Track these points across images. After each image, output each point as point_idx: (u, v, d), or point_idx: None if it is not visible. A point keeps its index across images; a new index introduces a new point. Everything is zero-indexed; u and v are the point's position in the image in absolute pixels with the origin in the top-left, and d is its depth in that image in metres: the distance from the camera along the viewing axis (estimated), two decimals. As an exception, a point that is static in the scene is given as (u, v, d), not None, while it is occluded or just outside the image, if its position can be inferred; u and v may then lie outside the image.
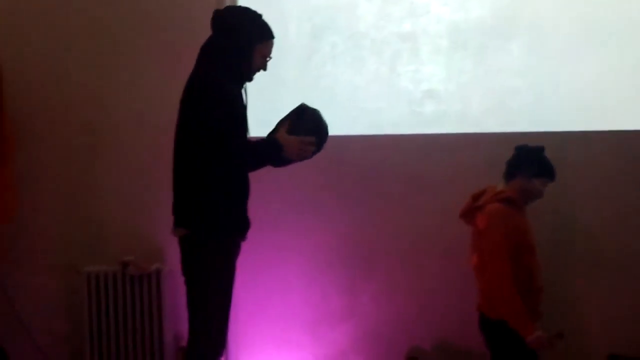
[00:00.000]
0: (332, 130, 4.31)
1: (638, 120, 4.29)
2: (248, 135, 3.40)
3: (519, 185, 3.77)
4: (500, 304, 3.60)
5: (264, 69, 3.45)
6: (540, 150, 3.81)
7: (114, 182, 4.59)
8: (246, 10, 3.45)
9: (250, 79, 3.45)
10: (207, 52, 3.38)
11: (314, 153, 3.40)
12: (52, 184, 4.61)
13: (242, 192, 3.40)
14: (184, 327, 3.48)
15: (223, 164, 3.27)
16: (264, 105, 4.46)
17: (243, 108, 3.38)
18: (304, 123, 3.39)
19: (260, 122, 4.27)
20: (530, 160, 3.78)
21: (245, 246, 3.50)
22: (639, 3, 4.32)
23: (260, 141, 3.37)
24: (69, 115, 4.60)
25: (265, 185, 3.82)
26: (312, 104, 4.35)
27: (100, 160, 4.60)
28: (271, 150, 3.31)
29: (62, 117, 4.60)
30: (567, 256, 4.35)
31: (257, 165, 3.37)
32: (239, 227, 3.40)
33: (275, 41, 3.47)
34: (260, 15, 3.42)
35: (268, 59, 3.44)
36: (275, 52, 3.48)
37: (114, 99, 4.57)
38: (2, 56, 4.35)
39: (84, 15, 4.56)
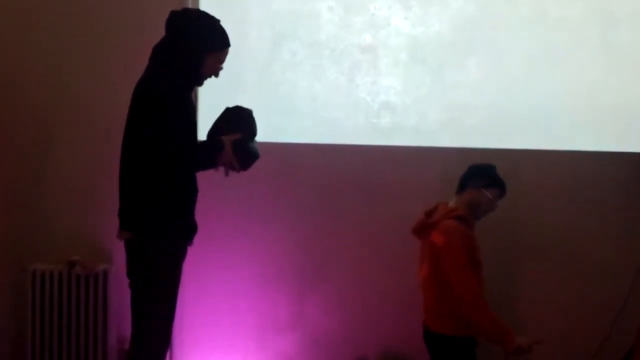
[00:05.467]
0: (288, 138, 4.39)
1: (588, 142, 4.36)
2: (198, 139, 3.39)
3: (469, 197, 3.78)
4: (476, 320, 3.55)
5: (216, 75, 3.41)
6: (490, 166, 3.85)
7: (63, 180, 4.54)
8: (203, 15, 3.40)
9: (200, 84, 3.42)
10: (159, 53, 3.33)
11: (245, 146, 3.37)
12: (-1, 180, 4.54)
13: (189, 196, 3.38)
14: (128, 330, 3.45)
15: (170, 168, 3.24)
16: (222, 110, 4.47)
17: (192, 111, 3.35)
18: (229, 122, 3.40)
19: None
20: (480, 172, 3.82)
21: (194, 252, 3.48)
22: (595, 26, 4.39)
23: (204, 142, 3.38)
24: (19, 110, 4.53)
25: (216, 191, 3.80)
26: (270, 110, 4.42)
27: (49, 158, 4.55)
28: (215, 150, 3.31)
29: (12, 113, 4.53)
30: (514, 270, 4.39)
31: (203, 166, 3.35)
32: (186, 230, 3.39)
33: (236, 46, 3.44)
34: (217, 21, 3.37)
35: (220, 67, 3.40)
36: (235, 57, 3.46)
37: (66, 97, 4.52)
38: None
39: (39, 10, 4.50)
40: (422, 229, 3.82)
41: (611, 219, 4.35)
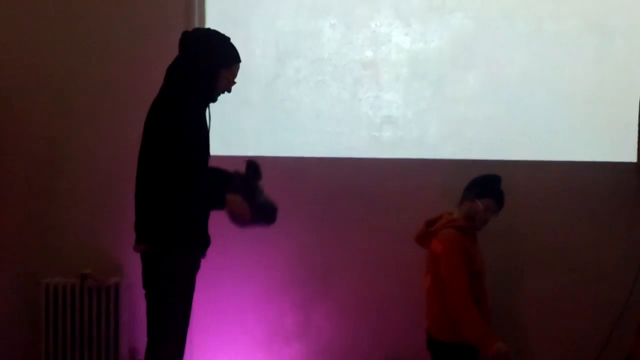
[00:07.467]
0: (293, 152, 4.49)
1: (585, 152, 4.46)
2: (209, 156, 3.49)
3: (466, 208, 3.90)
4: (462, 322, 3.66)
5: (228, 91, 3.50)
6: (490, 177, 3.95)
7: (74, 194, 4.62)
8: (214, 33, 3.50)
9: (214, 101, 3.49)
10: (173, 73, 3.42)
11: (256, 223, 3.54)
12: (12, 194, 4.63)
13: (203, 210, 3.47)
14: (140, 341, 3.52)
15: (181, 186, 3.33)
16: (229, 126, 4.57)
17: (205, 131, 3.44)
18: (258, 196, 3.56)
19: (225, 142, 4.40)
20: (476, 183, 3.93)
21: (202, 263, 3.57)
22: (590, 40, 4.50)
23: (215, 188, 3.47)
24: (31, 124, 4.63)
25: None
26: (276, 125, 4.52)
27: (61, 172, 4.63)
28: (216, 203, 3.43)
29: (24, 127, 4.63)
30: (514, 279, 4.48)
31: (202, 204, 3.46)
32: (199, 243, 3.48)
33: (241, 64, 3.54)
34: (228, 39, 3.46)
35: (233, 82, 3.50)
36: (240, 74, 3.55)
37: (79, 110, 4.61)
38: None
39: (54, 25, 4.60)
40: (424, 238, 3.95)
41: (607, 226, 4.45)
